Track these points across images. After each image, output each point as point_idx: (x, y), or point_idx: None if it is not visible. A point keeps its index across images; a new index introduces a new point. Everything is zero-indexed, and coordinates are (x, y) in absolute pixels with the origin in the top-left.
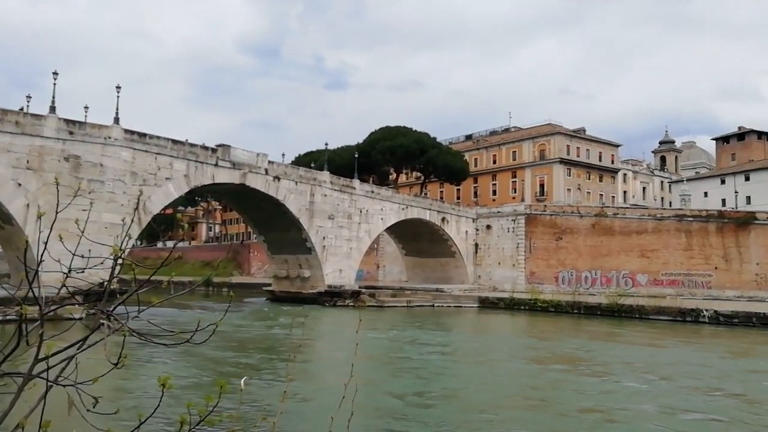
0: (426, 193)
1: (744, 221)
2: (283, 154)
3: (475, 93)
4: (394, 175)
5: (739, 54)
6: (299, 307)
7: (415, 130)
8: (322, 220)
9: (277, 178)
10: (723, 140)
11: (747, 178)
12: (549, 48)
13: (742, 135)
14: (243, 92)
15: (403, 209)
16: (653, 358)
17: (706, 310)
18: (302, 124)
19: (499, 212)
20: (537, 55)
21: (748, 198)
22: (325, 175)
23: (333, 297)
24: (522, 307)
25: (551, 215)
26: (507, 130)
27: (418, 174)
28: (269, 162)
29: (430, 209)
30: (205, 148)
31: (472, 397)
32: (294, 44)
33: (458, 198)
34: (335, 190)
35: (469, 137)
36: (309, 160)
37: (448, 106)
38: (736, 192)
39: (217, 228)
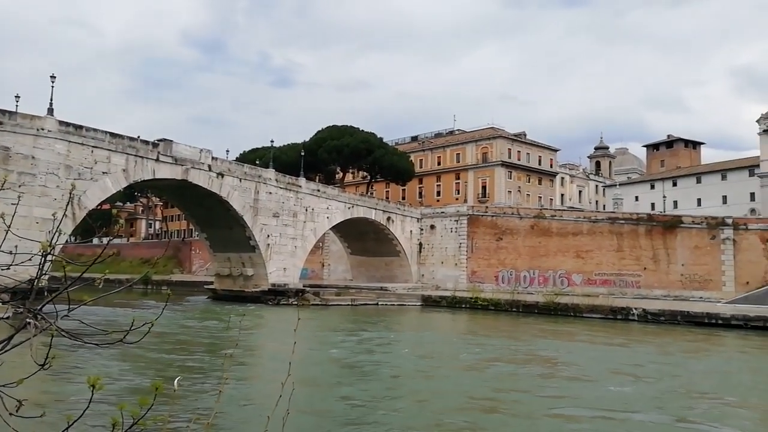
0: (372, 193)
1: (671, 224)
2: (228, 151)
3: (421, 95)
4: (341, 174)
5: (667, 67)
6: (242, 306)
7: (362, 130)
8: (267, 218)
9: (220, 174)
10: (653, 147)
11: (674, 184)
12: (492, 54)
13: (670, 143)
14: (187, 87)
15: (349, 208)
16: (597, 356)
17: (636, 309)
18: (247, 121)
19: (442, 213)
20: (480, 61)
21: (675, 203)
22: (270, 173)
23: (277, 296)
24: (463, 306)
25: (492, 216)
26: (451, 132)
27: (365, 173)
28: (213, 158)
29: (375, 209)
30: (145, 142)
31: (412, 396)
32: (240, 40)
33: (403, 198)
34: (281, 188)
35: (414, 138)
36: (254, 158)
37: (395, 107)
38: (664, 197)
39: (158, 224)
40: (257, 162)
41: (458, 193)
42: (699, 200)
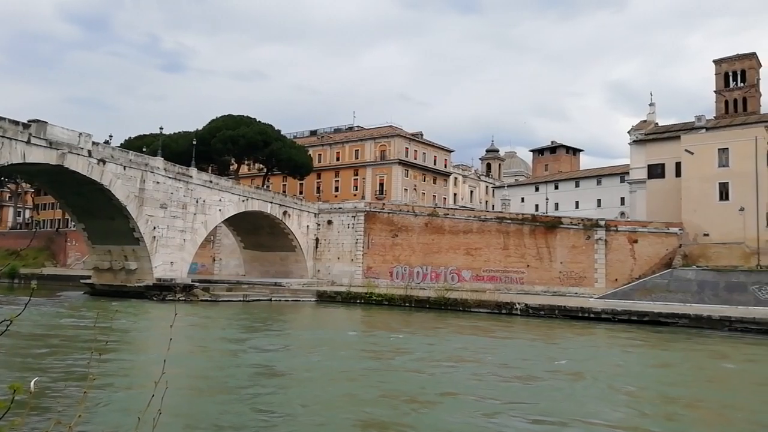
0: (268, 186)
1: (552, 225)
2: (111, 136)
3: (321, 89)
4: (236, 165)
5: (552, 77)
6: (123, 301)
7: (259, 121)
8: (154, 209)
9: (102, 161)
10: (538, 152)
11: (556, 187)
12: (391, 54)
13: (553, 149)
14: (65, 65)
15: (243, 201)
16: (490, 348)
17: (519, 304)
18: (134, 105)
19: (340, 208)
20: (380, 60)
21: (557, 204)
22: (158, 161)
23: (162, 291)
24: (358, 301)
25: (389, 213)
26: (351, 128)
27: (261, 166)
28: (94, 143)
29: (271, 202)
30: (14, 122)
31: (299, 395)
32: (126, 19)
33: (301, 192)
34: (170, 177)
35: (314, 133)
36: (141, 144)
37: (294, 100)
38: (547, 199)
39: (28, 213)
40: (144, 149)
41: (356, 190)
42: (577, 203)
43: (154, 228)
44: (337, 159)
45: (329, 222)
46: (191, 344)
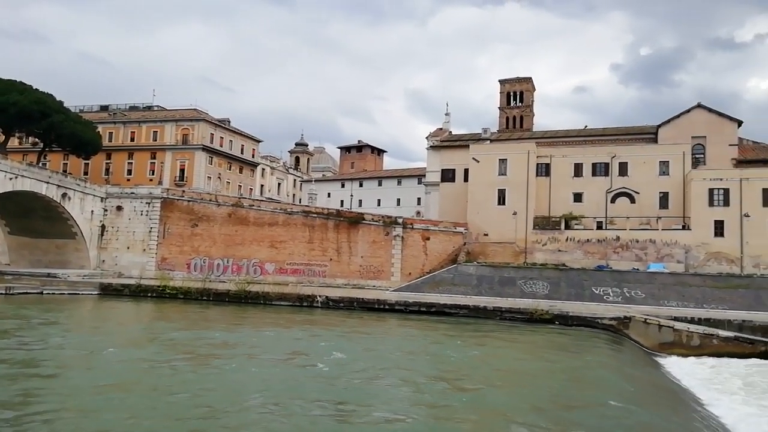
0: (45, 164)
1: (355, 220)
2: None
3: (113, 62)
4: (3, 137)
5: (359, 79)
6: None
7: (37, 89)
8: None
9: None
10: (346, 150)
11: (361, 185)
12: (195, 34)
13: (360, 148)
14: None
15: (11, 179)
16: (275, 343)
17: (320, 296)
18: None
19: (133, 193)
20: (182, 39)
21: (360, 201)
22: None
23: None
24: (149, 295)
25: (189, 201)
26: (149, 108)
27: (37, 140)
28: None
29: (48, 182)
30: None
31: (58, 399)
32: None
33: (86, 173)
34: None
35: (104, 108)
36: None
37: (80, 70)
38: (351, 195)
39: None
40: None
41: (153, 174)
42: (379, 201)
43: None
44: (132, 139)
45: (119, 208)
46: None
